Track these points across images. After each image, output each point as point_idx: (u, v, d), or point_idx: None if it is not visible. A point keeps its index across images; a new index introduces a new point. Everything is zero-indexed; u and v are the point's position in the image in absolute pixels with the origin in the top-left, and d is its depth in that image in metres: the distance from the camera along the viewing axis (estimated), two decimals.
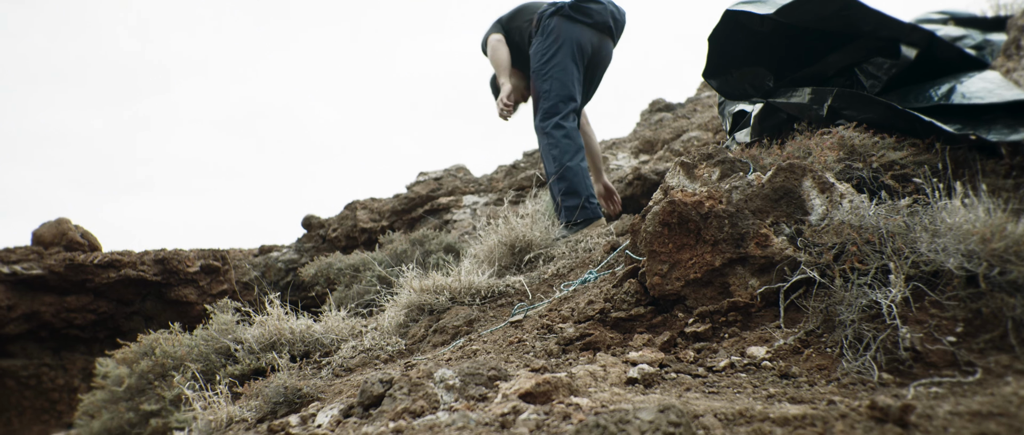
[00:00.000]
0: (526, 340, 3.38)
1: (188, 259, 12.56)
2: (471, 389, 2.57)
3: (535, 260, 5.39)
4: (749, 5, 4.29)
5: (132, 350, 5.01)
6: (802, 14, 4.08)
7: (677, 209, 2.98)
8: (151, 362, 4.76)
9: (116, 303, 12.54)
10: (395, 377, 2.86)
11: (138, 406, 4.61)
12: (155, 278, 12.43)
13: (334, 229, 12.34)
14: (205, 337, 4.99)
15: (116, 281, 12.26)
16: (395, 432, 2.03)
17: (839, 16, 4.01)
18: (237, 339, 4.90)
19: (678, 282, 2.99)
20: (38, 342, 12.30)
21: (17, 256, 11.87)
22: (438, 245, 7.66)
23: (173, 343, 4.86)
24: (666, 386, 2.46)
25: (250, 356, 4.72)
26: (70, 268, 11.95)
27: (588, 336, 3.07)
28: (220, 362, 4.80)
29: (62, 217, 12.98)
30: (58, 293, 12.00)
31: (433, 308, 4.81)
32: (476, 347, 3.57)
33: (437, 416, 2.25)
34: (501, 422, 1.99)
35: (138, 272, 12.24)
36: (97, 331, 12.59)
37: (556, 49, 6.09)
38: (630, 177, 7.62)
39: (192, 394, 4.14)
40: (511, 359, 3.12)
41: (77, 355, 12.46)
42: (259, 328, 4.95)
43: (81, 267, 12.01)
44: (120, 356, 5.05)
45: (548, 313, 3.73)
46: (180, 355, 4.74)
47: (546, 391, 2.34)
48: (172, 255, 12.70)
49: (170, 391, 4.46)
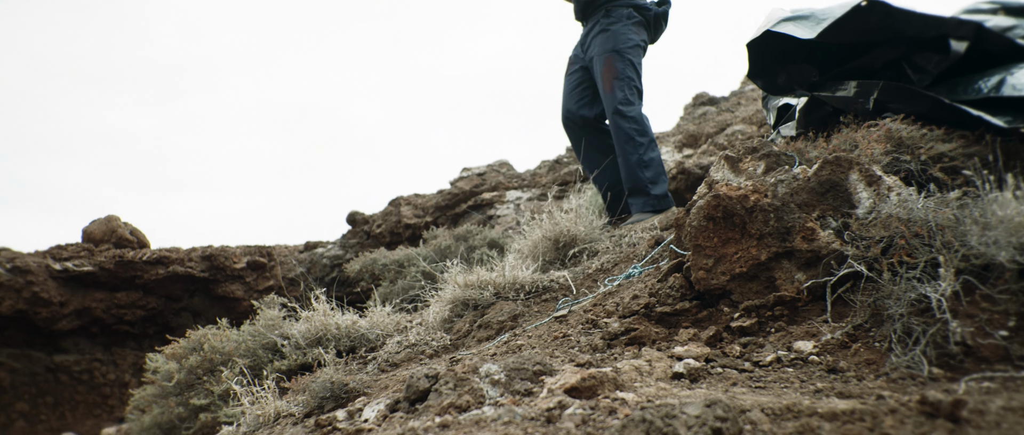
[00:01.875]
0: (571, 335, 3.38)
1: (235, 256, 12.69)
2: (516, 384, 2.58)
3: (579, 255, 5.39)
4: (789, 26, 4.24)
5: (181, 346, 5.06)
6: (845, 33, 4.03)
7: (722, 203, 2.96)
8: (200, 357, 4.81)
9: (165, 299, 12.70)
10: (441, 372, 2.87)
11: (187, 401, 4.66)
12: (202, 274, 12.57)
13: (378, 225, 12.41)
14: (252, 333, 5.04)
15: (164, 278, 12.42)
16: (441, 427, 2.04)
17: (882, 27, 3.96)
18: (284, 335, 4.95)
19: (723, 276, 2.97)
20: (90, 338, 12.49)
21: (68, 253, 12.06)
22: (482, 240, 7.67)
23: (221, 339, 4.91)
24: (712, 381, 2.45)
25: (296, 351, 4.76)
26: (120, 265, 12.12)
27: (633, 331, 3.07)
28: (267, 357, 4.85)
29: (111, 214, 13.16)
30: (108, 289, 12.17)
31: (477, 303, 4.83)
32: (521, 342, 3.57)
33: (483, 411, 2.25)
34: (547, 417, 1.99)
35: (186, 269, 12.38)
36: (146, 327, 12.75)
37: (638, 41, 6.01)
38: (674, 171, 7.59)
39: (240, 389, 4.19)
40: (556, 354, 3.12)
41: (127, 350, 12.64)
42: (305, 324, 4.99)
43: (130, 264, 12.18)
44: (169, 352, 5.12)
45: (593, 308, 3.73)
46: (228, 350, 4.79)
47: (591, 386, 2.34)
48: (219, 252, 12.84)
49: (218, 386, 4.51)
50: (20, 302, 11.47)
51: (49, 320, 11.80)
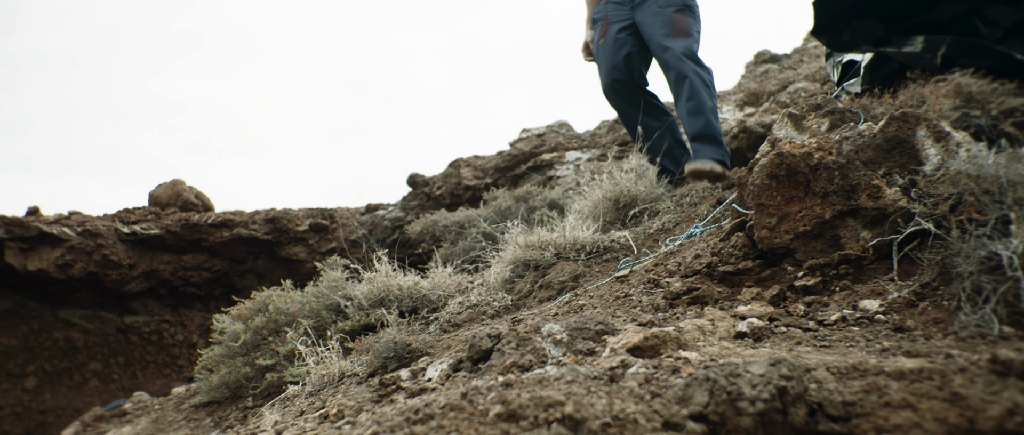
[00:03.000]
0: (632, 295, 3.37)
1: (297, 218, 12.83)
2: (578, 343, 2.58)
3: (640, 215, 5.36)
4: None
5: (247, 307, 5.14)
6: None
7: (785, 161, 2.93)
8: (265, 318, 4.88)
9: (229, 261, 12.91)
10: (503, 332, 2.89)
11: (254, 361, 4.74)
12: (266, 237, 12.74)
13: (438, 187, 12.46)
14: (316, 294, 5.11)
15: (229, 240, 12.61)
16: (504, 386, 2.06)
17: None
18: (347, 295, 5.00)
19: (787, 235, 2.94)
20: (158, 299, 12.75)
21: (136, 217, 12.29)
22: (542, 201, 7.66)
23: (285, 300, 4.98)
24: (776, 340, 2.43)
25: (360, 312, 4.81)
26: (185, 228, 12.33)
27: (695, 290, 3.06)
28: (331, 318, 4.91)
29: (177, 178, 13.37)
30: (175, 252, 12.40)
31: (538, 264, 4.84)
32: (582, 302, 3.57)
33: (545, 370, 2.26)
34: (610, 376, 2.00)
35: (250, 231, 12.56)
36: (212, 289, 12.98)
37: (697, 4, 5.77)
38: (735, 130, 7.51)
39: (305, 349, 4.25)
40: (618, 314, 3.12)
41: (194, 312, 12.89)
42: (368, 285, 5.04)
43: (196, 227, 12.38)
44: (235, 313, 5.20)
45: (654, 268, 3.72)
46: (292, 311, 4.86)
47: (654, 345, 2.34)
48: (282, 214, 12.99)
49: (284, 346, 4.58)
50: (91, 265, 11.74)
51: (119, 282, 12.06)
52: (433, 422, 1.88)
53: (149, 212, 12.48)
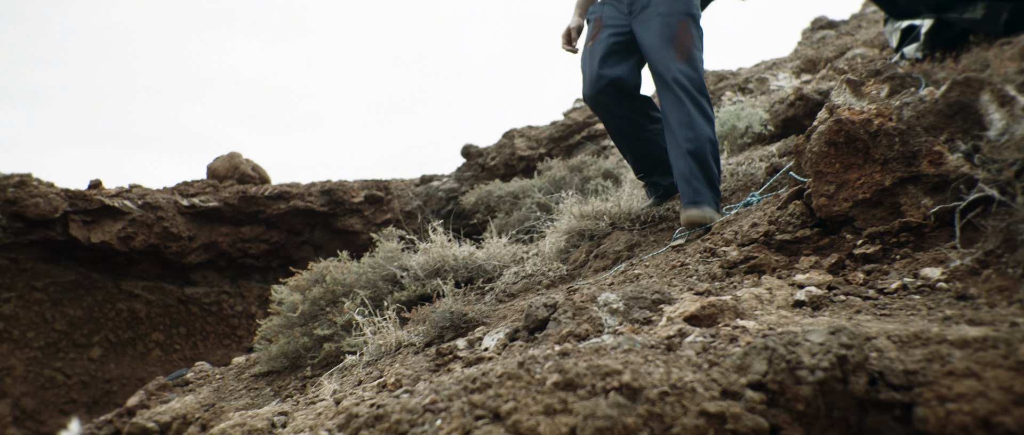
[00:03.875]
0: (689, 264, 3.36)
1: (352, 190, 12.92)
2: (635, 313, 2.58)
3: None
4: None
5: (304, 277, 5.19)
6: None
7: (844, 128, 2.89)
8: (322, 289, 4.93)
9: (286, 233, 13.05)
10: (559, 301, 2.89)
11: (312, 331, 4.79)
12: (322, 209, 12.86)
13: (492, 158, 12.47)
14: (372, 264, 5.15)
15: (286, 212, 12.74)
16: (561, 355, 2.06)
17: None
18: (402, 266, 5.04)
19: (846, 203, 2.90)
20: (217, 271, 12.94)
21: (195, 189, 12.47)
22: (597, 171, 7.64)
23: (342, 271, 5.02)
24: (835, 309, 2.41)
25: (415, 282, 4.85)
26: (243, 200, 12.48)
27: (752, 259, 3.03)
28: (387, 288, 4.94)
29: (234, 151, 13.52)
30: (233, 224, 12.56)
31: (593, 233, 4.83)
32: (638, 271, 3.57)
33: (602, 339, 2.27)
34: (667, 344, 2.00)
35: (306, 203, 12.68)
36: (270, 260, 13.14)
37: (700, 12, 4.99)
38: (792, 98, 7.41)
39: (362, 319, 4.29)
40: (674, 283, 3.11)
41: (253, 283, 13.07)
42: (423, 255, 5.07)
43: (253, 199, 12.53)
44: (293, 283, 5.25)
45: (710, 237, 3.69)
46: (349, 282, 4.90)
47: (711, 314, 2.33)
48: (337, 186, 13.09)
49: (341, 317, 4.62)
50: (152, 237, 11.94)
51: (179, 254, 12.26)
52: (490, 391, 1.90)
53: (207, 185, 12.64)
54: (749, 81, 10.57)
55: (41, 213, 11.22)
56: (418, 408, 1.98)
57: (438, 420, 1.88)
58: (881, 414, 1.65)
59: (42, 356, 12.15)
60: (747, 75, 11.71)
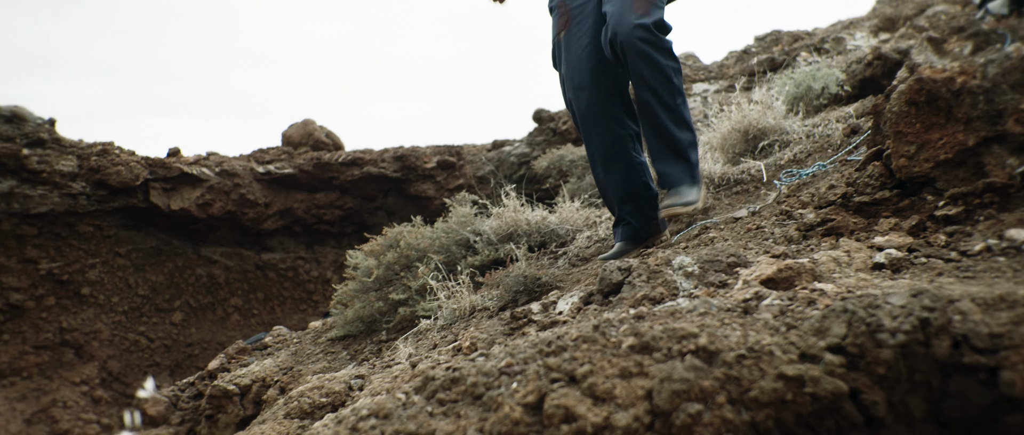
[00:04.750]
0: (764, 227, 3.32)
1: (425, 156, 12.99)
2: (710, 276, 2.56)
3: (770, 147, 5.26)
4: None
5: (378, 243, 5.25)
6: None
7: (925, 86, 2.82)
8: (396, 254, 4.98)
9: (360, 199, 13.18)
10: (633, 265, 2.89)
11: (386, 295, 4.84)
12: (395, 175, 12.95)
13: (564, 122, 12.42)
14: (445, 229, 5.18)
15: (359, 178, 12.86)
16: (636, 318, 2.06)
17: None
18: (475, 231, 5.06)
19: (927, 163, 2.84)
20: (293, 237, 13.14)
21: (270, 156, 12.64)
22: None
23: (416, 236, 5.07)
24: (916, 271, 2.36)
25: (488, 247, 4.87)
26: (317, 167, 12.62)
27: (830, 221, 2.99)
28: (460, 253, 4.98)
29: (308, 118, 13.67)
30: (308, 191, 12.72)
31: None
32: (713, 234, 3.54)
33: (677, 302, 2.26)
34: (743, 308, 1.98)
35: (379, 169, 12.78)
36: (344, 226, 13.30)
37: None
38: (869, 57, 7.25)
39: (436, 284, 4.33)
40: (749, 246, 3.08)
41: (328, 248, 13.24)
42: (496, 220, 5.08)
43: (327, 165, 12.66)
44: (368, 249, 5.31)
45: (786, 199, 3.65)
46: (423, 247, 4.94)
47: (788, 277, 2.30)
48: (410, 152, 13.17)
49: (415, 281, 4.67)
50: (229, 204, 12.15)
51: (255, 220, 12.47)
52: (566, 354, 1.90)
53: (282, 152, 12.80)
54: (825, 41, 10.37)
55: (123, 181, 11.48)
56: (494, 371, 2.00)
57: (514, 383, 1.90)
58: (965, 378, 1.62)
59: (126, 320, 12.48)
60: (823, 35, 11.48)
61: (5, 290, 11.58)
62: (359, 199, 13.20)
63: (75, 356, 12.03)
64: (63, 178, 11.30)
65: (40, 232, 11.59)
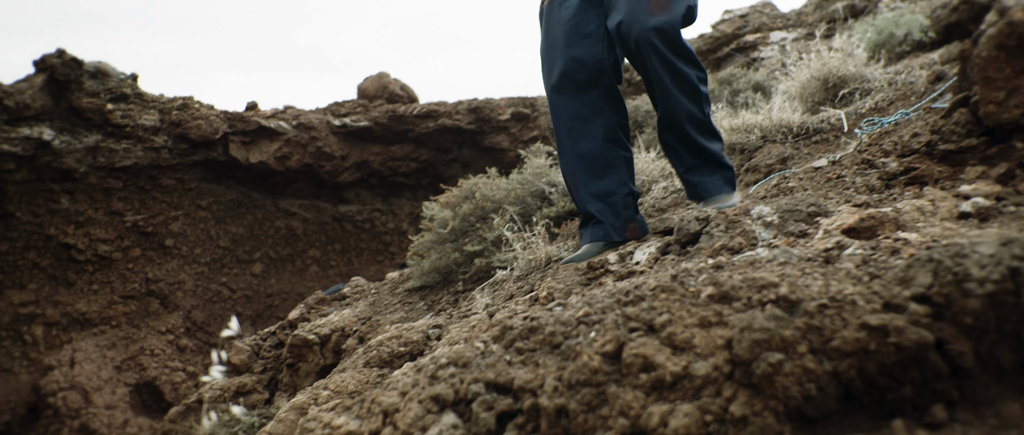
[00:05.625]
0: (845, 176, 3.27)
1: (499, 107, 12.99)
2: (790, 225, 2.53)
3: (850, 95, 5.15)
4: None
5: (454, 194, 5.27)
6: None
7: (1016, 30, 2.73)
8: (472, 205, 5.00)
9: (435, 151, 13.25)
10: (711, 215, 2.86)
11: (462, 247, 4.87)
12: (469, 126, 12.99)
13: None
14: (520, 181, 5.18)
15: (434, 130, 12.92)
16: (715, 268, 2.05)
17: None
18: (550, 182, 5.06)
19: (1016, 110, 2.76)
20: (369, 189, 13.28)
21: (346, 109, 12.76)
22: (746, 84, 7.45)
23: (491, 187, 5.08)
24: (1004, 220, 2.31)
25: (564, 198, 4.86)
26: (392, 119, 12.71)
27: (913, 170, 2.93)
28: (535, 204, 4.98)
29: (382, 71, 13.73)
30: (383, 143, 12.82)
31: (744, 147, 4.74)
32: (792, 184, 3.49)
33: (756, 252, 2.23)
34: (825, 257, 1.95)
35: (453, 121, 12.82)
36: (420, 178, 13.40)
37: None
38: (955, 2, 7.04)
39: (511, 235, 4.34)
40: (830, 195, 3.03)
41: (403, 200, 13.37)
42: None
43: (402, 118, 12.74)
44: (443, 200, 5.34)
45: (868, 148, 3.58)
46: (498, 198, 4.95)
47: (870, 226, 2.27)
48: (483, 104, 13.18)
49: (491, 232, 4.69)
50: (306, 156, 12.31)
51: (332, 173, 12.62)
52: (644, 303, 1.90)
53: (357, 105, 12.91)
54: None
55: (203, 134, 11.70)
56: (572, 320, 2.00)
57: (592, 332, 1.90)
58: None
59: (209, 271, 12.77)
60: None
61: (94, 242, 11.92)
62: (434, 151, 13.27)
63: (161, 306, 12.36)
64: (146, 132, 11.55)
65: (125, 185, 11.89)
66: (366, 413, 2.25)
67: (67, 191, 11.57)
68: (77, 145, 11.18)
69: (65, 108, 11.01)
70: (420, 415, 1.97)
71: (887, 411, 1.54)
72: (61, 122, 11.06)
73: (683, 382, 1.65)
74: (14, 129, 10.77)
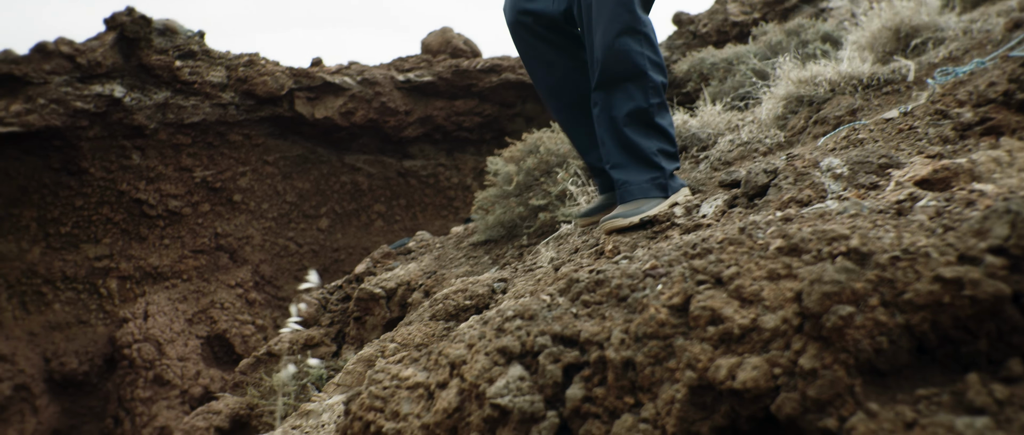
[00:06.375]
0: (917, 127, 3.20)
1: None
2: (860, 177, 2.49)
3: (923, 45, 5.03)
4: None
5: (518, 149, 5.27)
6: None
7: None
8: (536, 159, 4.99)
9: (498, 105, 13.23)
10: (779, 167, 2.83)
11: (527, 201, 4.88)
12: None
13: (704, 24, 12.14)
14: None
15: (497, 85, 12.90)
16: (783, 220, 2.02)
17: None
18: None
19: None
20: (433, 144, 13.33)
21: (410, 64, 12.78)
22: (815, 34, 7.32)
23: (555, 141, 5.06)
24: None
25: None
26: (456, 74, 12.71)
27: (989, 120, 2.86)
28: None
29: (446, 26, 13.73)
30: (447, 98, 12.83)
31: (812, 99, 4.66)
32: (862, 136, 3.43)
33: (825, 204, 2.20)
34: (897, 209, 1.92)
35: (517, 75, 12.78)
36: (483, 133, 13.40)
37: None
38: None
39: (575, 189, 4.34)
40: (901, 147, 2.98)
41: (467, 155, 13.40)
42: None
43: (465, 72, 12.73)
44: (508, 155, 5.34)
45: (941, 98, 3.50)
46: (562, 153, 4.94)
47: (944, 177, 2.22)
48: None
49: (555, 187, 4.68)
50: (371, 112, 12.38)
51: (396, 128, 12.68)
52: (711, 256, 1.89)
53: (421, 60, 12.92)
54: None
55: (269, 91, 11.81)
56: (638, 273, 2.00)
57: (659, 284, 1.89)
58: None
59: (276, 226, 12.96)
60: None
61: (164, 197, 12.15)
62: (497, 105, 13.26)
63: (230, 260, 12.59)
64: (213, 88, 11.70)
65: (193, 141, 12.07)
66: (433, 365, 2.28)
67: (138, 147, 11.80)
68: (147, 102, 11.37)
69: (135, 65, 11.19)
70: (487, 367, 1.98)
71: (961, 365, 1.51)
72: (131, 79, 11.26)
73: (751, 335, 1.64)
74: (87, 86, 10.99)
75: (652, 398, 1.76)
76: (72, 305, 11.95)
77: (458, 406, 2.03)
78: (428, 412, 2.14)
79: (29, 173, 11.48)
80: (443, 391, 2.11)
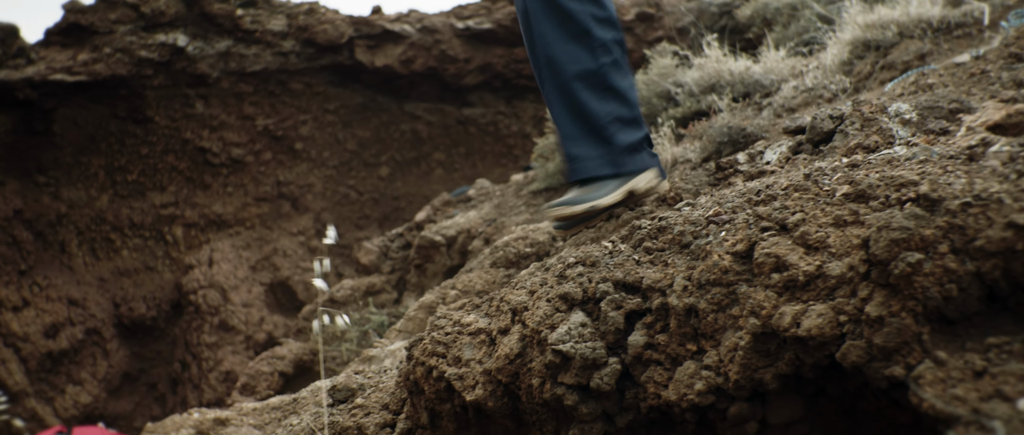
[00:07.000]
0: (990, 71, 3.12)
1: (623, 8, 12.75)
2: (930, 123, 2.44)
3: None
4: None
5: None
6: None
7: None
8: None
9: None
10: (846, 112, 2.78)
11: None
12: None
13: None
14: (645, 81, 5.12)
15: None
16: (850, 167, 1.99)
17: None
18: (676, 83, 4.98)
19: None
20: (492, 91, 13.29)
21: (469, 12, 12.72)
22: None
23: None
24: None
25: (690, 99, 4.79)
26: (516, 21, 12.63)
27: None
28: (661, 105, 4.92)
29: None
30: (507, 45, 12.77)
31: (879, 44, 4.56)
32: (932, 81, 3.35)
33: (894, 150, 2.16)
34: (968, 154, 1.87)
35: None
36: None
37: None
38: None
39: None
40: (973, 91, 2.90)
41: (527, 103, 13.34)
42: (697, 71, 4.98)
43: None
44: None
45: (1015, 41, 3.40)
46: None
47: (1018, 122, 2.16)
48: None
49: None
50: (430, 60, 12.37)
51: (456, 76, 12.66)
52: (776, 203, 1.86)
53: (481, 7, 12.85)
54: None
55: (329, 39, 11.85)
56: (701, 220, 1.98)
57: (722, 231, 1.88)
58: None
59: (337, 174, 13.07)
60: None
61: (227, 145, 12.30)
62: None
63: (292, 208, 12.73)
64: (274, 37, 11.76)
65: (255, 90, 12.17)
66: (495, 311, 2.29)
67: (201, 96, 11.93)
68: (209, 51, 11.48)
69: (197, 14, 11.28)
70: (549, 313, 1.98)
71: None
72: (194, 28, 11.36)
73: (817, 282, 1.62)
74: (151, 35, 11.11)
75: (715, 345, 1.76)
76: (139, 252, 12.20)
77: (520, 352, 2.04)
78: (490, 358, 2.15)
79: (97, 122, 11.68)
80: (505, 337, 2.13)
